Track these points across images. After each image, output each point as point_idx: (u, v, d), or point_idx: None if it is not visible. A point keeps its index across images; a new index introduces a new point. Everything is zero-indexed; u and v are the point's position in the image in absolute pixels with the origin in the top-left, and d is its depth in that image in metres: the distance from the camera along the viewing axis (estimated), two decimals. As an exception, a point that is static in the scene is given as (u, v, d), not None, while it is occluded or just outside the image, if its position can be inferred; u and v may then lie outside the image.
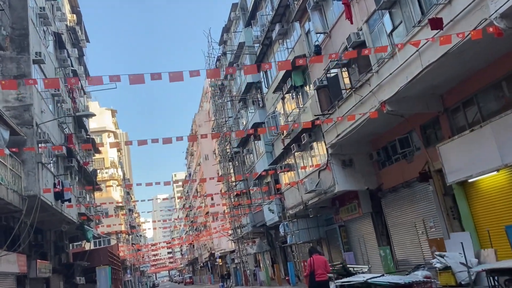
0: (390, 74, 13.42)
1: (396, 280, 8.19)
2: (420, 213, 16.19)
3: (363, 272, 10.40)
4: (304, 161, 22.36)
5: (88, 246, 38.15)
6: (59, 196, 18.93)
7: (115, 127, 62.20)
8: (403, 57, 12.75)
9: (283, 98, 24.07)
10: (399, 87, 13.10)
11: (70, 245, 34.01)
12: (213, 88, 40.66)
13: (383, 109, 13.97)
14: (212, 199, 60.04)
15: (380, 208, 19.22)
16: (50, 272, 22.22)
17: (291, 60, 14.53)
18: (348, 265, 10.60)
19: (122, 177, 60.33)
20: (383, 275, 9.20)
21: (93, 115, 23.38)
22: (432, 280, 8.63)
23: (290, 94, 22.62)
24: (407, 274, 9.72)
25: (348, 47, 15.69)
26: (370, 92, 14.71)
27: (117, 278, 37.27)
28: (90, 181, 29.62)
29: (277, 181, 28.12)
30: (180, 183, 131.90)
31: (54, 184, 18.93)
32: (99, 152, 34.78)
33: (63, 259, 27.67)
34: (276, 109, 25.44)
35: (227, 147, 38.99)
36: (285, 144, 23.56)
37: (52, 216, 20.37)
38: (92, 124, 51.27)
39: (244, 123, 33.44)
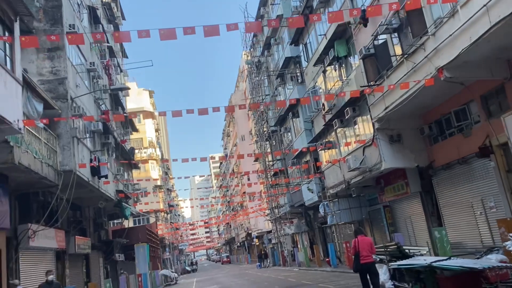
0: (450, 35, 11.92)
1: (470, 264, 7.03)
2: (478, 192, 14.72)
3: (421, 255, 9.24)
4: (347, 137, 21.08)
5: (127, 224, 38.71)
6: (95, 172, 18.65)
7: (153, 107, 62.46)
8: (466, 15, 11.22)
9: (324, 72, 22.73)
10: (460, 50, 11.61)
11: (110, 222, 34.49)
12: (249, 65, 39.58)
13: (440, 76, 12.52)
14: (248, 178, 59.74)
15: (431, 187, 17.80)
16: (89, 248, 22.29)
17: (343, 12, 13.16)
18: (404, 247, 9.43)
19: (160, 157, 60.78)
20: (449, 258, 8.05)
21: (127, 88, 22.90)
22: (509, 265, 7.40)
23: (333, 66, 21.26)
24: (477, 258, 8.51)
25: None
26: (425, 58, 13.24)
27: (155, 256, 37.62)
28: (128, 159, 29.52)
29: (316, 160, 26.99)
30: (217, 164, 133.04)
31: (91, 160, 18.65)
32: (136, 130, 34.68)
33: (103, 236, 27.85)
34: (317, 84, 24.14)
35: (264, 126, 38.04)
36: (326, 120, 22.31)
37: (89, 192, 20.21)
38: (130, 104, 51.51)
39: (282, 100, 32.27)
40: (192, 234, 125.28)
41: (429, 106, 16.39)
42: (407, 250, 9.60)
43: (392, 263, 9.24)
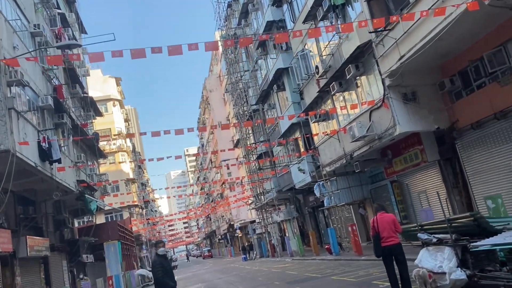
0: None
1: None
2: (524, 152, 11.94)
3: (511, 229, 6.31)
4: (348, 104, 18.06)
5: (97, 221, 34.90)
6: (45, 155, 15.02)
7: (121, 95, 58.18)
8: None
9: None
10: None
11: (75, 220, 30.65)
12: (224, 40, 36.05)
13: (486, -1, 9.58)
14: (228, 168, 56.46)
15: (453, 153, 15.00)
16: (48, 250, 18.68)
17: None
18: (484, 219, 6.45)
19: (131, 149, 56.73)
20: None
21: (78, 45, 18.95)
22: None
23: (328, 21, 18.10)
24: None
25: None
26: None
27: (130, 254, 34.01)
28: (91, 146, 25.78)
29: (307, 138, 23.95)
30: (193, 158, 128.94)
31: (39, 142, 15.01)
32: (100, 114, 30.82)
33: (66, 235, 24.14)
34: (306, 47, 20.99)
35: (244, 106, 34.74)
36: (321, 86, 19.24)
37: (41, 182, 16.59)
38: (96, 93, 47.32)
39: (264, 75, 29.07)
40: (171, 230, 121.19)
41: (452, 53, 13.53)
42: (493, 224, 6.61)
43: (473, 243, 6.22)
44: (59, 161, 15.79)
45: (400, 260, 7.43)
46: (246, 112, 33.81)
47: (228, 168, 56.41)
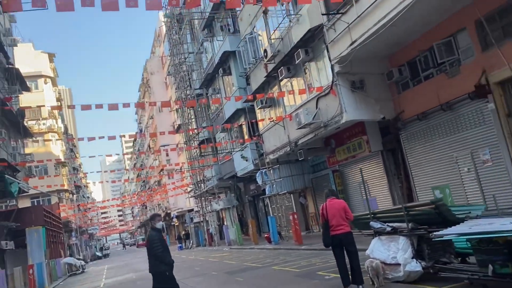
0: None
1: None
2: (466, 144, 12.06)
3: (477, 217, 5.98)
4: (295, 90, 17.58)
5: (24, 205, 32.08)
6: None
7: (54, 73, 54.11)
8: None
9: (265, 12, 18.85)
10: None
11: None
12: (168, 19, 34.41)
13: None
14: (167, 154, 54.70)
15: (397, 144, 15.03)
16: (-44, 236, 16.61)
17: None
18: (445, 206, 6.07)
19: (63, 131, 53.14)
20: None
21: None
22: None
23: (279, 2, 17.42)
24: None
25: None
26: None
27: (57, 242, 31.69)
28: (15, 123, 23.44)
29: (252, 124, 23.32)
30: (130, 144, 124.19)
31: None
32: (27, 89, 28.17)
33: (-18, 220, 21.84)
34: (255, 30, 20.23)
35: (187, 90, 33.38)
36: (269, 71, 18.62)
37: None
38: (26, 68, 43.55)
39: (209, 58, 27.98)
40: (104, 218, 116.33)
41: (402, 42, 13.44)
42: (455, 211, 6.26)
43: (434, 232, 5.81)
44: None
45: (350, 251, 6.94)
46: (189, 96, 32.52)
47: (167, 155, 54.75)
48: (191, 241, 38.77)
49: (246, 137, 24.04)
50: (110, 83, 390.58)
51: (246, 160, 23.80)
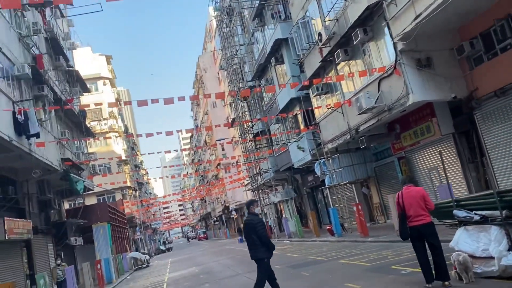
0: None
1: None
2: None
3: None
4: (354, 73, 16.60)
5: (91, 203, 33.62)
6: (21, 128, 13.56)
7: (112, 74, 56.18)
8: None
9: (318, -7, 17.98)
10: None
11: (66, 201, 29.29)
12: (218, 12, 34.28)
13: None
14: (223, 149, 55.12)
15: (471, 125, 13.71)
16: (30, 232, 17.32)
17: None
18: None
19: (123, 129, 55.09)
20: None
21: (51, 3, 17.04)
22: None
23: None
24: None
25: None
26: None
27: (122, 237, 32.81)
28: (77, 123, 24.29)
29: (308, 113, 22.54)
30: (187, 141, 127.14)
31: (14, 114, 13.53)
32: (87, 90, 29.13)
33: (53, 217, 22.84)
34: (307, 14, 19.42)
35: (240, 83, 33.15)
36: (324, 55, 17.76)
37: (21, 160, 15.19)
38: (85, 71, 45.49)
39: (261, 48, 27.47)
40: (166, 212, 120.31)
41: (473, 12, 12.13)
42: None
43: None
44: (37, 135, 14.33)
45: (433, 243, 6.12)
46: (242, 89, 32.26)
47: (223, 149, 55.18)
48: (251, 234, 38.70)
49: (302, 127, 23.32)
50: (165, 82, 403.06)
51: (303, 151, 23.09)
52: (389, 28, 13.43)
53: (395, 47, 13.34)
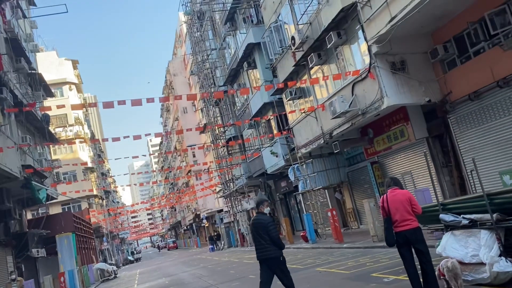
0: None
1: None
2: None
3: None
4: (328, 76, 16.40)
5: (55, 212, 32.01)
6: (-25, 132, 12.58)
7: (78, 79, 54.42)
8: None
9: (291, -3, 17.75)
10: None
11: (29, 211, 27.83)
12: (189, 17, 33.72)
13: None
14: (194, 155, 54.21)
15: (445, 129, 13.71)
16: (-14, 245, 16.23)
17: None
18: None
19: (90, 136, 53.33)
20: None
21: None
22: None
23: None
24: None
25: None
26: None
27: (89, 247, 31.46)
28: (40, 129, 23.11)
29: (281, 118, 22.27)
30: (157, 148, 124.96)
31: (-32, 116, 12.55)
32: (51, 95, 27.89)
33: (13, 227, 21.57)
34: (280, 17, 19.17)
35: (211, 88, 32.60)
36: (297, 59, 17.51)
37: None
38: (50, 75, 43.86)
39: (233, 52, 27.08)
40: (134, 222, 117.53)
41: (448, 15, 12.14)
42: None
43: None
44: (-8, 140, 13.37)
45: (420, 250, 5.78)
46: (213, 94, 31.72)
47: (194, 156, 54.24)
48: (222, 242, 38.01)
49: (275, 132, 23.01)
50: (135, 89, 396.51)
51: (276, 156, 22.77)
52: (363, 31, 13.29)
53: (369, 50, 13.20)
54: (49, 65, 48.67)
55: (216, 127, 32.19)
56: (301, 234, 20.43)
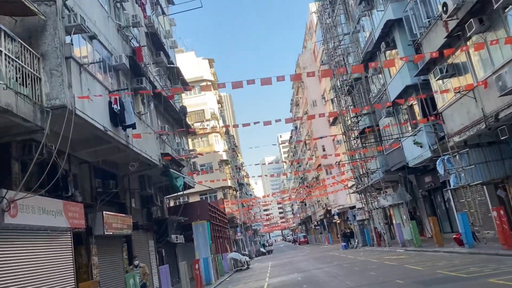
0: None
1: None
2: None
3: None
4: (490, 48, 13.44)
5: (193, 201, 33.80)
6: (117, 118, 12.98)
7: (214, 77, 57.11)
8: None
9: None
10: None
11: (170, 199, 29.51)
12: (320, 3, 32.24)
13: None
14: (323, 149, 52.74)
15: None
16: (130, 228, 17.06)
17: None
18: None
19: (225, 131, 55.57)
20: None
21: None
22: None
23: None
24: None
25: None
26: None
27: (223, 236, 32.30)
28: (178, 120, 24.02)
29: (426, 101, 19.46)
30: (287, 144, 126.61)
31: (110, 103, 13.01)
32: (187, 88, 28.95)
33: (155, 213, 22.79)
34: (427, -17, 16.53)
35: (343, 76, 30.69)
36: (450, 29, 14.78)
37: (120, 152, 14.82)
38: (188, 74, 46.58)
39: (368, 34, 24.85)
40: (266, 215, 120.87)
41: None
42: None
43: None
44: (133, 126, 13.72)
45: None
46: (346, 82, 29.81)
47: (324, 150, 52.73)
48: (356, 240, 35.83)
49: (419, 118, 20.26)
50: (265, 86, 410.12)
51: (421, 147, 20.02)
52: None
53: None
54: (188, 65, 51.92)
55: (349, 116, 30.20)
56: (454, 236, 17.49)
